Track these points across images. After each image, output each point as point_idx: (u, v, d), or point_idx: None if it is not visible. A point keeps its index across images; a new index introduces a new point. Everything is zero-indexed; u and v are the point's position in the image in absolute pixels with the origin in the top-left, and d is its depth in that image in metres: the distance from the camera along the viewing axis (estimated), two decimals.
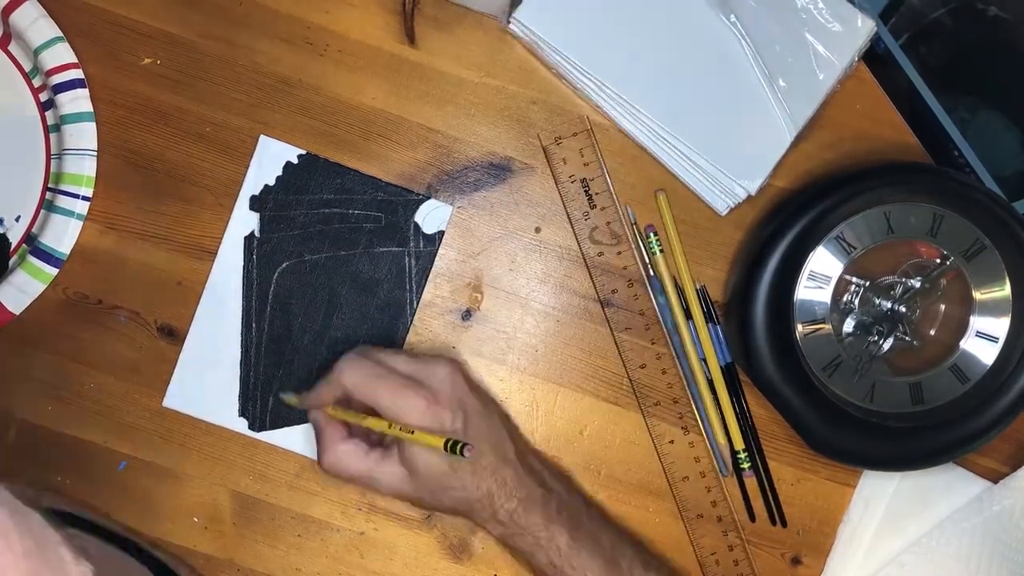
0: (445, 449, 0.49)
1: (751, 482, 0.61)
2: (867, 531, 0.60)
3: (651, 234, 0.61)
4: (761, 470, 0.61)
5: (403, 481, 0.53)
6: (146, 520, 0.60)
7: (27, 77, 0.60)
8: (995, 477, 0.61)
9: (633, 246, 0.61)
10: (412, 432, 0.51)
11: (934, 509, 0.60)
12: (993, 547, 0.59)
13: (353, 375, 0.53)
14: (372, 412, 0.53)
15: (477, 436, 0.53)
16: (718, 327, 0.61)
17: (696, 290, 0.61)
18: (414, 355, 0.56)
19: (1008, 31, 0.60)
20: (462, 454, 0.48)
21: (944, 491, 0.61)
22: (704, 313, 0.61)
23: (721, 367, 0.61)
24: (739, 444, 0.61)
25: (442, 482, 0.52)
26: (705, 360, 0.61)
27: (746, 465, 0.61)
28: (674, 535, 0.61)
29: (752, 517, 0.61)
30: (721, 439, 0.61)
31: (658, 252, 0.60)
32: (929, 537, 0.60)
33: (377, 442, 0.55)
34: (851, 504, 0.61)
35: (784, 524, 0.61)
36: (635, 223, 0.61)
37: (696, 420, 0.61)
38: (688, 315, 0.61)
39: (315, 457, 0.60)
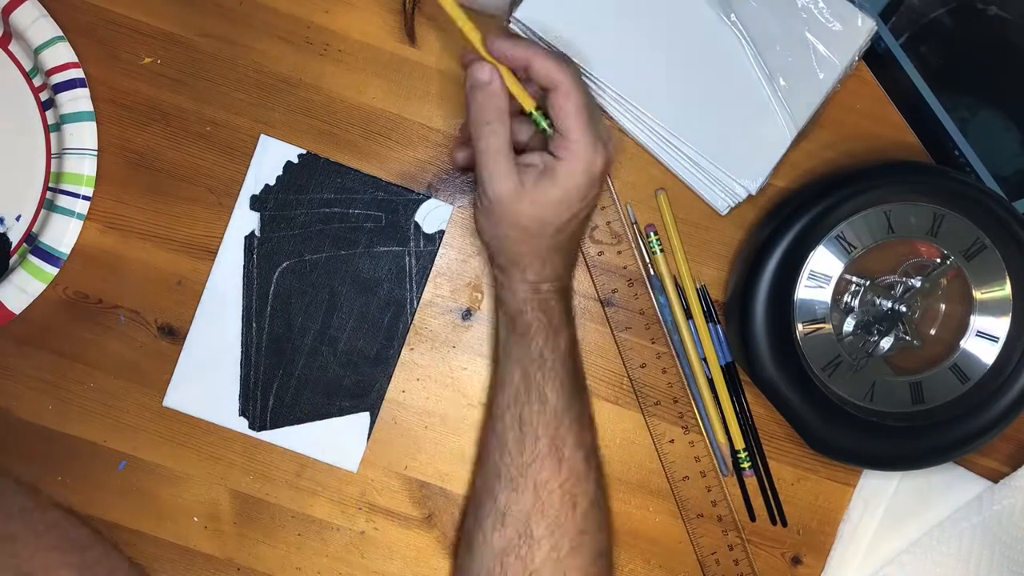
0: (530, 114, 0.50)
1: (751, 482, 0.61)
2: (867, 531, 0.60)
3: (651, 233, 0.61)
4: (761, 470, 0.61)
5: (519, 198, 0.51)
6: (146, 520, 0.60)
7: (27, 76, 0.60)
8: (995, 477, 0.61)
9: (633, 246, 0.61)
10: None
11: (934, 509, 0.61)
12: (993, 546, 0.59)
13: (571, 89, 0.51)
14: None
15: (588, 218, 0.55)
16: (718, 326, 0.61)
17: (696, 289, 0.61)
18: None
19: (1008, 31, 0.60)
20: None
21: (944, 491, 0.61)
22: (704, 313, 0.61)
23: (721, 367, 0.61)
24: (739, 444, 0.61)
25: (544, 227, 0.51)
26: (705, 359, 0.61)
27: (746, 465, 0.61)
28: (674, 535, 0.61)
29: (752, 517, 0.61)
30: (721, 438, 0.61)
31: (658, 251, 0.60)
32: (929, 537, 0.60)
33: (521, 150, 0.53)
34: (851, 504, 0.61)
35: (784, 524, 0.61)
36: (635, 222, 0.61)
37: (696, 420, 0.61)
38: (688, 314, 0.61)
39: (315, 457, 0.60)
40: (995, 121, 0.61)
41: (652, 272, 0.61)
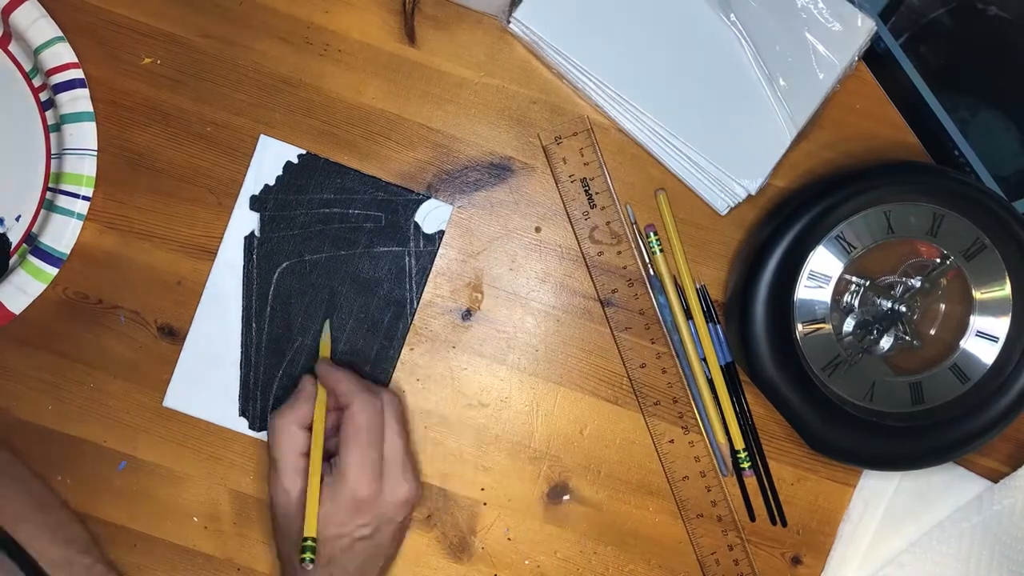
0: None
1: (751, 482, 0.61)
2: (867, 531, 0.60)
3: (651, 233, 0.61)
4: (761, 470, 0.61)
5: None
6: (146, 520, 0.60)
7: (27, 77, 0.60)
8: (995, 477, 0.61)
9: (633, 245, 0.61)
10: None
11: (934, 509, 0.61)
12: (993, 546, 0.59)
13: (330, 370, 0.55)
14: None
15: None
16: (718, 327, 0.61)
17: (696, 289, 0.61)
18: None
19: (1008, 31, 0.60)
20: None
21: (944, 491, 0.61)
22: (704, 312, 0.61)
23: (721, 367, 0.61)
24: (739, 444, 0.61)
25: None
26: (705, 359, 0.61)
27: (746, 465, 0.61)
28: (674, 535, 0.61)
29: (752, 517, 0.61)
30: (721, 438, 0.61)
31: (658, 251, 0.60)
32: (929, 537, 0.60)
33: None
34: (851, 504, 0.61)
35: (784, 524, 0.61)
36: (635, 222, 0.61)
37: (696, 419, 0.61)
38: (688, 314, 0.61)
39: None
40: (995, 121, 0.61)
41: (652, 272, 0.61)
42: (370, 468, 0.53)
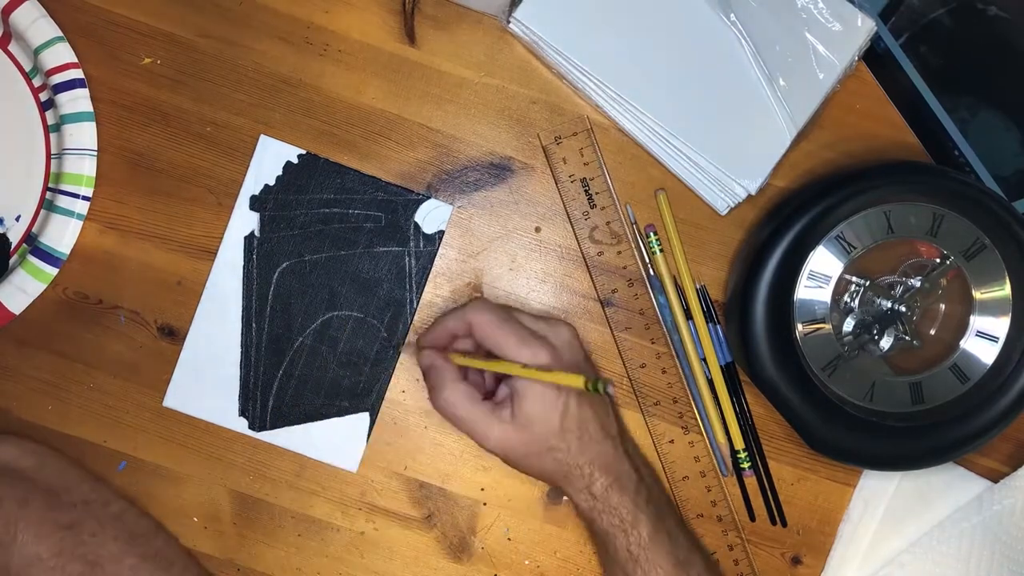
0: (586, 388, 0.48)
1: (751, 482, 0.61)
2: (867, 531, 0.60)
3: (651, 233, 0.61)
4: (761, 470, 0.61)
5: (510, 436, 0.53)
6: None
7: (27, 77, 0.60)
8: (995, 477, 0.61)
9: (633, 246, 0.61)
10: (549, 370, 0.51)
11: (934, 509, 0.61)
12: (993, 546, 0.59)
13: (482, 315, 0.54)
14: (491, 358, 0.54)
15: (588, 405, 0.54)
16: (718, 327, 0.61)
17: (696, 290, 0.61)
18: (536, 314, 0.57)
19: (1008, 31, 0.60)
20: (605, 392, 0.48)
21: (944, 491, 0.61)
22: (704, 313, 0.61)
23: (721, 367, 0.61)
24: (739, 444, 0.61)
25: (550, 442, 0.53)
26: (705, 360, 0.61)
27: (746, 465, 0.61)
28: None
29: (752, 517, 0.61)
30: (721, 439, 0.61)
31: (658, 251, 0.60)
32: (929, 537, 0.60)
33: (490, 394, 0.56)
34: (851, 504, 0.61)
35: (784, 524, 0.61)
36: (635, 223, 0.61)
37: (696, 420, 0.61)
38: (688, 315, 0.61)
39: (315, 457, 0.60)
40: (995, 121, 0.61)
41: (652, 272, 0.61)
42: (529, 337, 0.53)
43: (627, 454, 0.55)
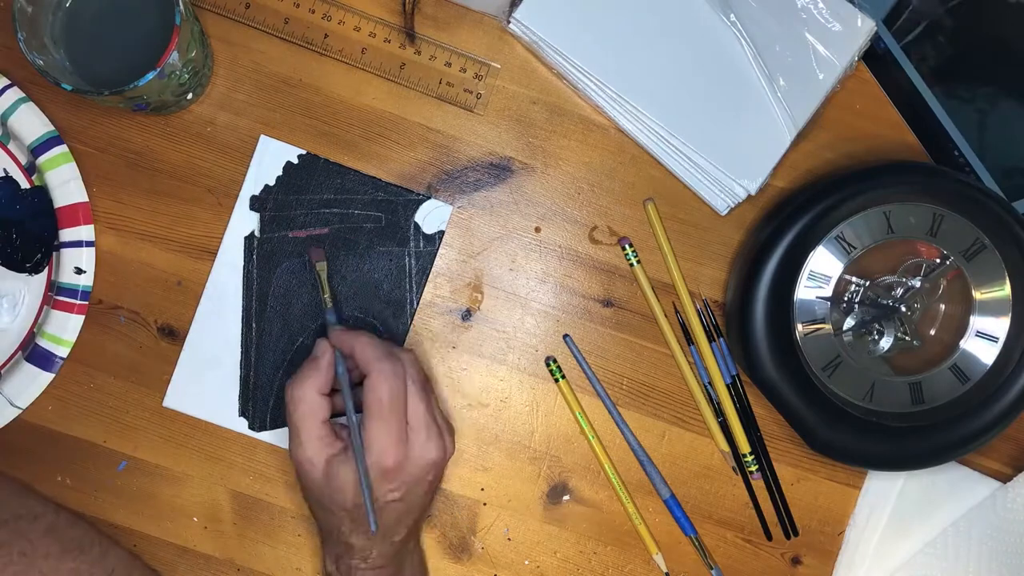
0: None
1: (759, 486, 0.61)
2: (874, 535, 0.60)
3: (626, 245, 0.60)
4: (769, 476, 0.61)
5: (314, 467, 0.53)
6: (146, 520, 0.60)
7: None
8: (996, 477, 0.61)
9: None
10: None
11: (940, 511, 0.60)
12: (1004, 549, 0.59)
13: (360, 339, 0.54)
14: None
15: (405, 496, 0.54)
16: (721, 340, 0.61)
17: (696, 309, 0.60)
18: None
19: (1008, 31, 0.60)
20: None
21: (949, 492, 0.60)
22: (705, 330, 0.60)
23: (727, 385, 0.61)
24: (744, 447, 0.60)
25: (335, 504, 0.53)
26: (706, 368, 0.61)
27: (753, 468, 0.61)
28: (674, 535, 0.61)
29: (769, 536, 0.61)
30: (721, 439, 0.61)
31: (635, 263, 0.60)
32: (941, 539, 0.60)
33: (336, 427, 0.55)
34: (856, 508, 0.61)
35: (796, 533, 0.61)
36: (625, 240, 0.61)
37: (697, 420, 0.61)
38: (684, 329, 0.61)
39: None
40: (995, 121, 0.61)
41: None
42: (395, 436, 0.52)
43: (398, 554, 0.55)
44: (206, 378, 0.60)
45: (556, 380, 0.60)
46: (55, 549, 0.54)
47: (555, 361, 0.60)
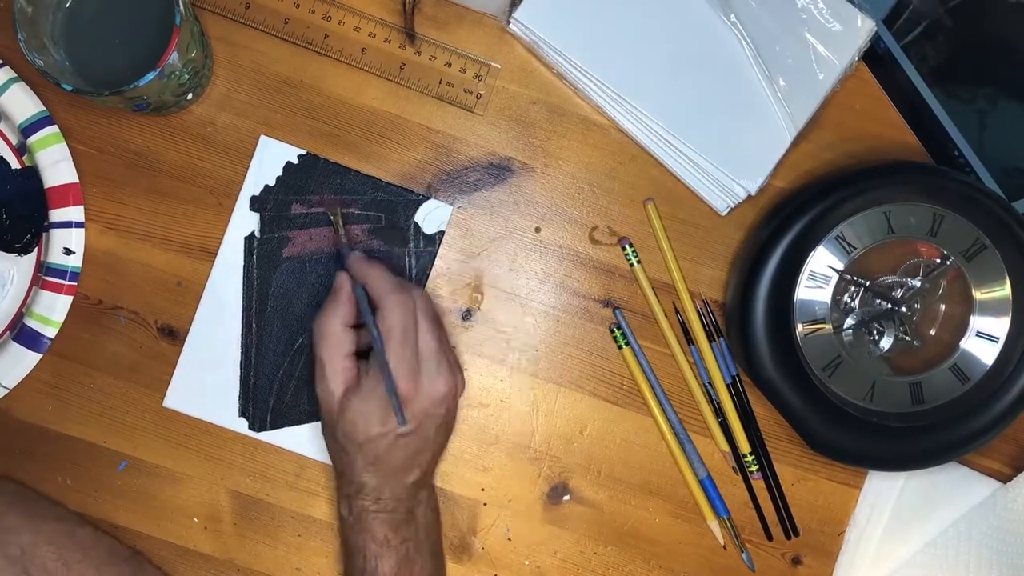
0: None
1: (758, 486, 0.61)
2: (874, 535, 0.60)
3: (626, 245, 0.60)
4: (769, 476, 0.61)
5: (334, 396, 0.53)
6: (146, 520, 0.60)
7: None
8: (997, 477, 0.61)
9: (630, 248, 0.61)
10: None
11: (941, 511, 0.60)
12: (1004, 549, 0.59)
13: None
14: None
15: (406, 444, 0.53)
16: (721, 340, 0.61)
17: (696, 309, 0.61)
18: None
19: (1008, 31, 0.60)
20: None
21: (950, 492, 0.60)
22: (705, 330, 0.60)
23: (727, 385, 0.61)
24: (744, 447, 0.60)
25: (350, 437, 0.52)
26: (705, 364, 0.61)
27: (753, 468, 0.61)
28: (674, 535, 0.61)
29: (769, 536, 0.61)
30: (720, 439, 0.61)
31: (635, 263, 0.60)
32: (941, 539, 0.60)
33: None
34: (857, 508, 0.61)
35: (796, 533, 0.61)
36: (625, 241, 0.61)
37: (697, 420, 0.61)
38: (684, 328, 0.61)
39: (315, 457, 0.60)
40: (995, 121, 0.61)
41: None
42: (406, 366, 0.52)
43: (414, 495, 0.55)
44: (206, 378, 0.60)
45: (620, 347, 0.60)
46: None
47: (619, 328, 0.60)
